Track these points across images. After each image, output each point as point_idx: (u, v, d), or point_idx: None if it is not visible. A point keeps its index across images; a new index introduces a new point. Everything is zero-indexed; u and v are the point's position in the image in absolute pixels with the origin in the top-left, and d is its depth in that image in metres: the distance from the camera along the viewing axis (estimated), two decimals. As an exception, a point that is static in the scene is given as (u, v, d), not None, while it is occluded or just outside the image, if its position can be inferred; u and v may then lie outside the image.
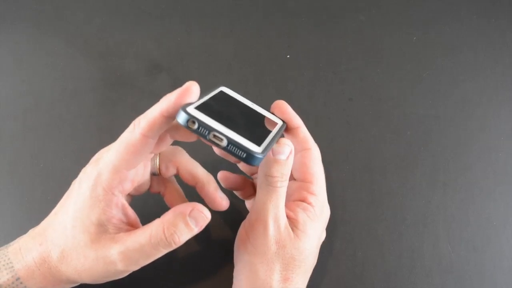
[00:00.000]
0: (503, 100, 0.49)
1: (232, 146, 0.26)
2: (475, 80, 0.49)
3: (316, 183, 0.35)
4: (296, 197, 0.35)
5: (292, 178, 0.36)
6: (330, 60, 0.50)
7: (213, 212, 0.36)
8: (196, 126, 0.26)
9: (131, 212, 0.31)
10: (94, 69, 0.48)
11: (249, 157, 0.26)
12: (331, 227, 0.42)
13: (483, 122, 0.48)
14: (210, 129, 0.26)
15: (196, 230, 0.29)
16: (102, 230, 0.29)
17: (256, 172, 0.39)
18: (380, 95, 0.48)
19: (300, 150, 0.35)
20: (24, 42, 0.49)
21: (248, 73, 0.49)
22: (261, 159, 0.27)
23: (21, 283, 0.30)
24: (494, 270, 0.42)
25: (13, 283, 0.30)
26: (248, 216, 0.34)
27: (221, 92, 0.33)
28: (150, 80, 0.48)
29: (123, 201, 0.30)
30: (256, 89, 0.48)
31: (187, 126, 0.26)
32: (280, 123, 0.34)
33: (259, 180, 0.33)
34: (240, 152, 0.26)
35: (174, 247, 0.29)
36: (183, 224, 0.28)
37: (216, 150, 0.38)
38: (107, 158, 0.29)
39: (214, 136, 0.26)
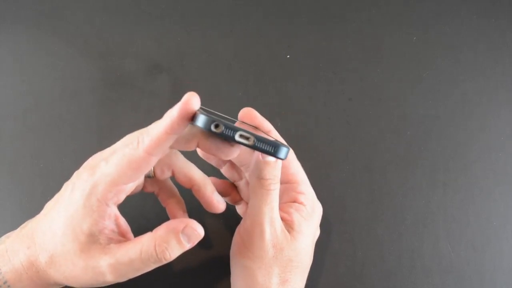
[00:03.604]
0: (503, 100, 0.49)
1: (260, 143, 0.26)
2: (475, 80, 0.49)
3: (301, 181, 0.35)
4: (286, 199, 0.35)
5: None
6: (330, 60, 0.50)
7: (209, 216, 0.36)
8: (222, 128, 0.26)
9: (123, 222, 0.31)
10: (94, 69, 0.48)
11: (279, 150, 0.27)
12: (331, 227, 0.42)
13: (483, 122, 0.48)
14: (236, 129, 0.26)
15: (188, 246, 0.29)
16: (93, 241, 0.28)
17: (239, 179, 0.39)
18: (380, 95, 0.48)
19: None
20: (24, 42, 0.49)
21: (248, 73, 0.49)
22: (288, 150, 0.27)
23: (8, 286, 0.29)
24: (494, 270, 0.42)
25: (0, 286, 0.29)
26: (242, 222, 0.34)
27: (202, 108, 0.33)
28: (150, 80, 0.48)
29: (116, 211, 0.30)
30: (256, 89, 0.48)
31: (210, 129, 0.26)
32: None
33: (251, 185, 0.33)
34: (269, 147, 0.26)
35: (164, 262, 0.28)
36: (175, 241, 0.28)
37: (200, 152, 0.37)
38: (106, 169, 0.28)
39: (241, 135, 0.26)
